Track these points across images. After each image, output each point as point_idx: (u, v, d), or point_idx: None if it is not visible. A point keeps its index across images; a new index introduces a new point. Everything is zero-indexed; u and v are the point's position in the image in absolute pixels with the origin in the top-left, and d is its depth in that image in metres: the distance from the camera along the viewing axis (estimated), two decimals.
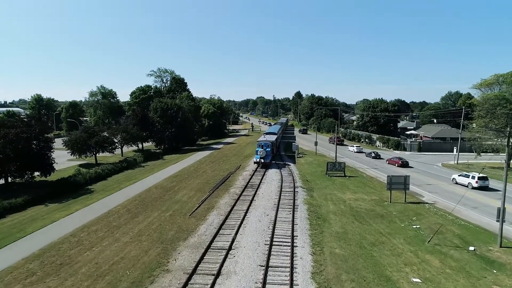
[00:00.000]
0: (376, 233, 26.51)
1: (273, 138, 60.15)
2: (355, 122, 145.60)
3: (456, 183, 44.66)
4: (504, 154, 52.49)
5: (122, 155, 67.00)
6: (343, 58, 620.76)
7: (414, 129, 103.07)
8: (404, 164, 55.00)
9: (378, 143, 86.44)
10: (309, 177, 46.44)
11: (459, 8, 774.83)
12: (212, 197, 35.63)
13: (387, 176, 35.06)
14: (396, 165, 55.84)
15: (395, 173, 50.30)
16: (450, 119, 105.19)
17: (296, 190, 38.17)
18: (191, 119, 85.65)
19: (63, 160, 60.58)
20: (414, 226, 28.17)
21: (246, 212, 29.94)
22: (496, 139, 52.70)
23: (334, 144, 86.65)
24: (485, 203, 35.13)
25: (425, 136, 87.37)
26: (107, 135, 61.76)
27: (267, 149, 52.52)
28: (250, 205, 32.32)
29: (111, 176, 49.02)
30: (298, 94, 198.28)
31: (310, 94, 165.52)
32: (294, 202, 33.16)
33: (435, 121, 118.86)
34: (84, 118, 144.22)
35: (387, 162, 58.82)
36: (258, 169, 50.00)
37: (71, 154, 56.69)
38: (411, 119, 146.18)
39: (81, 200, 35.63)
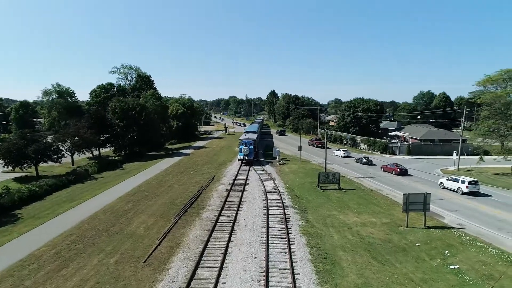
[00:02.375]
0: (406, 281, 18.98)
1: (254, 136, 62.16)
2: (331, 122, 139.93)
3: (444, 187, 40.17)
4: None
5: (72, 164, 56.33)
6: (312, 57, 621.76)
7: (397, 129, 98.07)
8: (403, 172, 47.70)
9: (362, 145, 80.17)
10: (298, 191, 38.52)
11: (427, 8, 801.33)
12: (178, 227, 26.80)
13: (403, 194, 27.59)
14: (394, 173, 48.65)
15: (395, 182, 43.95)
16: (433, 119, 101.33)
17: (286, 212, 30.10)
18: (157, 121, 75.58)
19: None
20: (452, 267, 20.90)
21: (225, 254, 21.44)
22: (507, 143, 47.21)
23: (315, 147, 79.86)
24: None
25: (412, 138, 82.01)
26: (50, 141, 50.85)
27: (250, 147, 54.79)
28: (229, 239, 23.83)
29: (52, 194, 39.00)
30: (273, 93, 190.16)
31: (285, 93, 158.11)
32: (287, 233, 25.03)
33: (413, 121, 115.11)
34: (38, 120, 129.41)
35: (382, 170, 51.57)
36: (236, 182, 41.65)
37: (3, 166, 45.90)
38: (385, 118, 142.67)
39: None
